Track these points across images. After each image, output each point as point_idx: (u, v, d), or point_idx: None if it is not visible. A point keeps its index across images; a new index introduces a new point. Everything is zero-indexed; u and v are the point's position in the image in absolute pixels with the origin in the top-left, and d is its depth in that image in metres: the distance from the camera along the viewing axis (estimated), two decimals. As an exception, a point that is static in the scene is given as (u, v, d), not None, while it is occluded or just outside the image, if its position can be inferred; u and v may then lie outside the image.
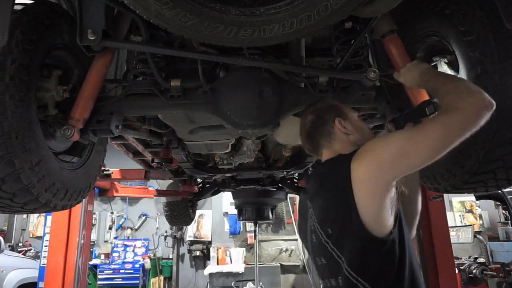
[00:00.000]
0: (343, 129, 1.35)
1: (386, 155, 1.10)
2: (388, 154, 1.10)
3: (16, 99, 1.19)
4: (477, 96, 1.05)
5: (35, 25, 1.28)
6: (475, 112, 1.04)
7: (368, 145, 1.17)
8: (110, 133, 1.54)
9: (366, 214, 1.11)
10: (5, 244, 6.06)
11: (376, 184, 1.11)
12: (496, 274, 5.62)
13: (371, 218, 1.11)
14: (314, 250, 1.28)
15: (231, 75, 1.54)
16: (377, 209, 1.11)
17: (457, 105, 1.06)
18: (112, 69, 1.88)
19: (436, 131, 1.05)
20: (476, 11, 1.26)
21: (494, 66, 1.21)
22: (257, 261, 5.41)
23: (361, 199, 1.12)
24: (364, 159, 1.13)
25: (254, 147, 2.71)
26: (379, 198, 1.11)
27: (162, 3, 1.08)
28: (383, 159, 1.10)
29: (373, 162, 1.11)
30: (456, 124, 1.04)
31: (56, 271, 3.65)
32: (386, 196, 1.11)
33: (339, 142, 1.35)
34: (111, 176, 3.75)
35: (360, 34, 1.47)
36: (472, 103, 1.04)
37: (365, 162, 1.13)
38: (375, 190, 1.11)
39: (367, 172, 1.12)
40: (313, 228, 1.26)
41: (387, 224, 1.12)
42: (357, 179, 1.12)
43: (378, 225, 1.11)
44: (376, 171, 1.11)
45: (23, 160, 1.21)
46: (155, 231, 9.09)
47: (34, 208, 1.38)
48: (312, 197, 1.31)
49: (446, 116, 1.06)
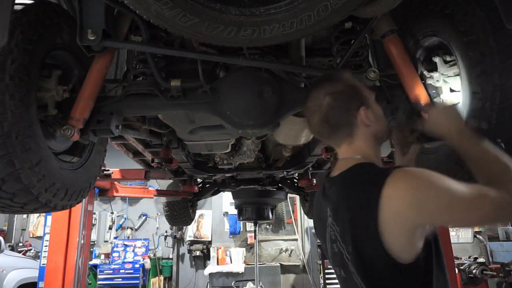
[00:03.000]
0: (367, 120, 1.17)
1: (432, 204, 0.97)
2: (435, 205, 0.97)
3: (16, 99, 1.19)
4: None
5: (35, 25, 1.28)
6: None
7: (412, 179, 1.01)
8: (110, 133, 1.54)
9: (390, 242, 1.00)
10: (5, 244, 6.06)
11: (409, 223, 1.00)
12: (496, 274, 5.62)
13: (394, 245, 1.00)
14: (335, 260, 1.16)
15: (231, 75, 1.54)
16: (403, 240, 1.01)
17: None
18: (112, 69, 1.88)
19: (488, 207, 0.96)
20: (476, 11, 1.26)
21: (494, 66, 1.21)
22: (257, 261, 5.41)
23: (387, 228, 1.00)
24: (403, 195, 0.99)
25: (254, 147, 2.71)
26: (406, 232, 1.00)
27: (162, 3, 1.08)
28: (427, 207, 0.97)
29: (415, 205, 0.97)
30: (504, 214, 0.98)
31: (56, 271, 3.65)
32: (416, 231, 1.01)
33: (360, 136, 1.19)
34: (111, 176, 3.76)
35: (360, 34, 1.47)
36: None
37: (403, 199, 0.98)
38: (405, 226, 1.00)
39: (404, 210, 0.98)
40: (334, 238, 1.13)
41: (412, 251, 1.01)
42: (388, 209, 0.99)
43: (401, 252, 1.01)
44: (413, 214, 0.98)
45: (23, 160, 1.21)
46: (155, 231, 9.09)
47: (34, 208, 1.38)
48: (333, 206, 1.15)
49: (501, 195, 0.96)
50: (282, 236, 8.83)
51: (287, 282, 8.43)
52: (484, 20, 1.23)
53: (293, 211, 8.81)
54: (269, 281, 7.49)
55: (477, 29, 1.25)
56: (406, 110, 1.29)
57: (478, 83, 1.27)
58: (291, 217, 8.79)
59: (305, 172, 3.53)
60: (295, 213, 8.84)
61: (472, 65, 1.29)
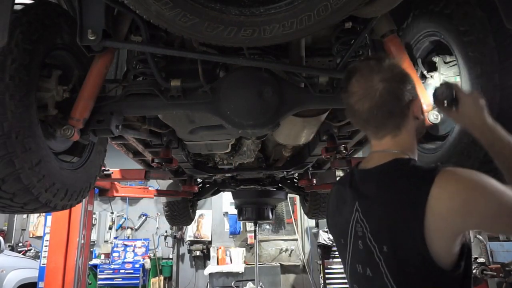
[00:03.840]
0: (418, 113, 1.10)
1: (482, 209, 0.92)
2: (485, 210, 0.91)
3: (16, 99, 1.18)
4: None
5: (35, 25, 1.27)
6: None
7: (462, 181, 0.95)
8: (110, 133, 1.54)
9: (433, 245, 0.95)
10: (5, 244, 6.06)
11: (456, 227, 0.95)
12: (496, 274, 5.62)
13: (437, 249, 0.95)
14: (359, 257, 1.10)
15: (231, 75, 1.54)
16: (446, 244, 0.96)
17: None
18: (112, 69, 1.87)
19: None
20: (476, 11, 1.26)
21: (494, 67, 1.21)
22: (257, 261, 5.41)
23: (432, 231, 0.94)
24: (453, 197, 0.93)
25: (254, 147, 2.71)
26: (451, 235, 0.96)
27: (162, 3, 1.08)
28: (477, 211, 0.92)
29: (465, 209, 0.92)
30: None
31: (56, 271, 3.65)
32: (460, 235, 0.97)
33: (406, 130, 1.10)
34: (111, 176, 3.75)
35: (360, 34, 1.47)
36: None
37: (453, 201, 0.93)
38: (451, 230, 0.96)
39: (452, 213, 0.93)
40: (362, 235, 1.07)
41: (450, 256, 0.97)
42: (436, 211, 0.94)
43: (442, 256, 0.96)
44: (461, 218, 0.93)
45: (23, 160, 1.21)
46: (155, 231, 9.09)
47: (34, 208, 1.38)
48: (366, 201, 1.08)
49: None
50: (282, 236, 8.84)
51: (287, 282, 8.43)
52: (484, 20, 1.23)
53: (293, 211, 8.81)
54: (269, 281, 7.49)
55: (477, 29, 1.25)
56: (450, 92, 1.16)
57: (478, 83, 1.27)
58: (291, 217, 8.79)
59: (305, 172, 3.53)
60: (295, 213, 8.84)
61: (472, 65, 1.29)
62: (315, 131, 2.33)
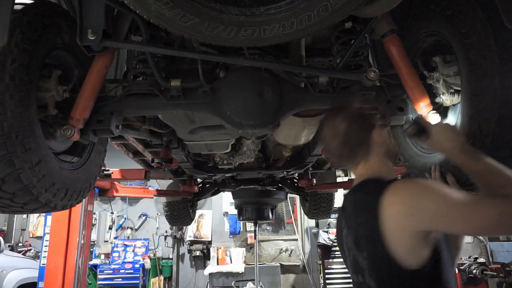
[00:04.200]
0: (380, 139, 1.29)
1: (427, 209, 1.04)
2: (430, 210, 1.03)
3: (16, 99, 1.18)
4: None
5: (35, 25, 1.27)
6: None
7: (408, 187, 1.11)
8: (110, 133, 1.54)
9: (393, 247, 1.07)
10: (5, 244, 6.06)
11: (409, 229, 1.06)
12: (496, 274, 5.62)
13: (398, 250, 1.07)
14: (354, 267, 1.22)
15: (231, 75, 1.54)
16: (406, 246, 1.07)
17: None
18: (112, 69, 1.87)
19: (491, 216, 0.99)
20: (477, 12, 1.26)
21: (495, 69, 1.21)
22: (257, 261, 5.41)
23: (390, 234, 1.08)
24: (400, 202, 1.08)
25: (254, 147, 2.72)
26: (408, 237, 1.07)
27: (162, 3, 1.08)
28: (424, 211, 1.04)
29: (413, 210, 1.05)
30: None
31: (56, 271, 3.65)
32: (418, 237, 1.07)
33: (374, 155, 1.29)
34: (111, 176, 3.75)
35: (360, 34, 1.47)
36: None
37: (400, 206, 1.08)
38: (406, 232, 1.07)
39: (403, 215, 1.06)
40: (351, 246, 1.21)
41: (416, 257, 1.07)
42: (389, 215, 1.08)
43: (405, 257, 1.07)
44: (411, 218, 1.06)
45: (23, 160, 1.21)
46: (155, 231, 9.09)
47: (34, 208, 1.38)
48: (347, 217, 1.26)
49: (505, 202, 1.00)
50: (282, 236, 8.83)
51: (287, 282, 8.43)
52: (485, 21, 1.23)
53: (293, 211, 8.81)
54: (269, 281, 7.49)
55: (478, 30, 1.25)
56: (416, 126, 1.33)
57: (478, 85, 1.27)
58: (291, 217, 8.79)
59: (305, 172, 3.53)
60: (295, 213, 8.84)
61: (473, 66, 1.29)
62: (315, 131, 2.33)
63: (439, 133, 1.27)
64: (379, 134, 1.29)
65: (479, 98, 1.27)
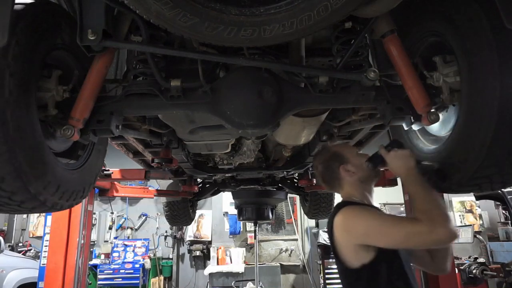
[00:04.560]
0: (347, 173, 1.72)
1: (357, 229, 1.54)
2: (362, 233, 1.52)
3: (16, 99, 1.18)
4: (444, 229, 1.35)
5: (35, 25, 1.27)
6: (436, 240, 1.38)
7: (347, 216, 1.58)
8: (110, 133, 1.54)
9: (341, 253, 1.59)
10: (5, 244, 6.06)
11: (347, 242, 1.57)
12: (496, 274, 5.62)
13: (344, 256, 1.58)
14: None
15: (231, 75, 1.54)
16: (349, 253, 1.56)
17: (426, 226, 1.36)
18: (112, 69, 1.87)
19: (400, 235, 1.42)
20: (477, 11, 1.26)
21: (494, 68, 1.21)
22: (257, 261, 5.41)
23: (339, 244, 1.59)
24: (341, 223, 1.58)
25: (254, 147, 2.72)
26: (349, 247, 1.56)
27: (162, 3, 1.08)
28: (355, 230, 1.54)
29: (348, 228, 1.57)
30: (417, 239, 1.40)
31: (56, 271, 3.65)
32: (357, 247, 1.52)
33: (347, 184, 1.73)
34: (111, 176, 3.75)
35: (360, 34, 1.47)
36: (438, 233, 1.34)
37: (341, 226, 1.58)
38: (347, 244, 1.57)
39: (343, 232, 1.58)
40: None
41: (357, 260, 1.53)
42: (336, 231, 1.60)
43: (349, 260, 1.56)
44: (348, 234, 1.57)
45: (22, 160, 1.21)
46: (155, 231, 9.10)
47: (33, 207, 1.38)
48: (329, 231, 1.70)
49: (413, 228, 1.40)
50: (282, 236, 8.84)
51: (287, 282, 8.44)
52: (485, 20, 1.23)
53: (293, 211, 8.81)
54: (269, 281, 7.49)
55: (478, 29, 1.25)
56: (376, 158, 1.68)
57: (478, 85, 1.27)
58: (291, 217, 8.79)
59: (305, 172, 3.53)
60: (295, 213, 8.84)
61: (472, 66, 1.29)
62: (315, 131, 2.33)
63: (391, 162, 1.59)
64: (345, 170, 1.72)
65: (479, 98, 1.27)
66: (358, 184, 1.71)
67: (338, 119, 2.18)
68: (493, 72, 1.21)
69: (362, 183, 1.72)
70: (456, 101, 1.47)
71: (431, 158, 1.63)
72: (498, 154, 1.29)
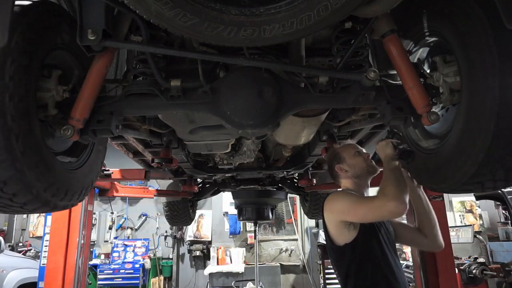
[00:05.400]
0: (342, 171, 2.09)
1: (338, 208, 1.93)
2: (340, 210, 1.91)
3: (16, 99, 1.18)
4: (394, 202, 1.66)
5: (35, 25, 1.27)
6: (388, 212, 1.71)
7: (331, 199, 1.99)
8: (110, 133, 1.54)
9: (330, 231, 1.98)
10: (5, 244, 6.06)
11: (333, 220, 1.96)
12: (496, 274, 5.62)
13: (331, 233, 1.98)
14: None
15: (231, 75, 1.54)
16: (334, 231, 1.95)
17: (379, 201, 1.72)
18: (112, 69, 1.87)
19: (363, 211, 1.81)
20: (477, 11, 1.26)
21: (494, 68, 1.21)
22: (257, 261, 5.41)
23: (328, 223, 2.00)
24: (327, 205, 1.99)
25: (254, 147, 2.72)
26: (335, 225, 1.94)
27: (162, 3, 1.07)
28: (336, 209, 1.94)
29: (332, 208, 1.97)
30: (375, 212, 1.76)
31: (56, 271, 3.64)
32: (340, 225, 1.91)
33: (343, 180, 2.11)
34: (111, 176, 3.75)
35: (360, 34, 1.47)
36: (389, 206, 1.68)
37: (327, 206, 1.99)
38: (333, 222, 1.96)
39: (329, 211, 1.98)
40: None
41: (342, 238, 1.92)
42: (325, 212, 2.01)
43: (335, 237, 1.96)
44: (332, 213, 1.96)
45: (22, 160, 1.21)
46: (155, 231, 9.10)
47: (33, 208, 1.38)
48: None
49: (372, 203, 1.79)
50: (282, 236, 8.84)
51: (287, 282, 8.44)
52: (484, 20, 1.23)
53: (293, 211, 8.81)
54: (269, 281, 7.49)
55: (477, 29, 1.25)
56: None
57: (478, 85, 1.27)
58: (291, 217, 8.79)
59: (305, 172, 3.53)
60: (295, 213, 8.84)
61: (472, 66, 1.29)
62: (315, 131, 2.33)
63: (378, 152, 1.97)
64: (340, 169, 2.09)
65: (479, 98, 1.27)
66: (353, 180, 2.07)
67: (338, 119, 2.19)
68: (493, 72, 1.21)
69: (356, 179, 2.06)
70: (456, 101, 1.47)
71: (432, 158, 1.63)
72: (498, 154, 1.29)
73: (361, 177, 2.06)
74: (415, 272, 3.87)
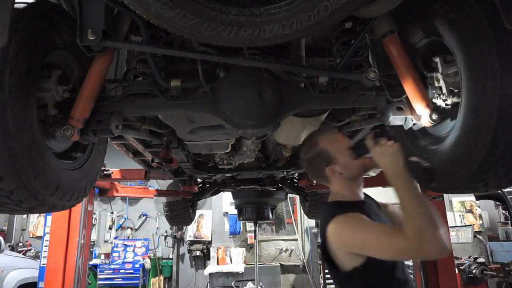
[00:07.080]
0: (333, 174, 1.63)
1: (348, 241, 1.47)
2: (352, 245, 1.46)
3: (16, 99, 1.18)
4: (434, 247, 1.27)
5: (35, 25, 1.27)
6: (427, 257, 1.41)
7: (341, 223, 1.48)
8: (110, 133, 1.54)
9: (334, 257, 1.52)
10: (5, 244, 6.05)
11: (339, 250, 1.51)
12: (496, 274, 5.62)
13: (336, 260, 1.52)
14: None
15: (231, 75, 1.54)
16: (341, 258, 1.51)
17: (416, 244, 1.29)
18: (112, 69, 1.87)
19: (391, 251, 1.38)
20: (477, 11, 1.26)
21: (494, 67, 1.21)
22: (257, 261, 5.41)
23: (331, 250, 1.52)
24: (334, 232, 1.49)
25: (254, 147, 2.72)
26: (340, 253, 1.50)
27: (162, 3, 1.08)
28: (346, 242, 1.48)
29: (340, 239, 1.49)
30: (408, 255, 1.51)
31: (56, 271, 3.64)
32: (348, 254, 1.48)
33: (335, 181, 1.66)
34: (111, 176, 3.75)
35: (360, 34, 1.47)
36: (428, 251, 1.29)
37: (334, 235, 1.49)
38: (338, 251, 1.51)
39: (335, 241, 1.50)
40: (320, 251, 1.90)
41: (349, 264, 1.49)
42: (329, 239, 1.51)
43: (341, 264, 1.51)
44: (339, 244, 1.50)
45: (22, 160, 1.21)
46: (155, 231, 9.09)
47: (32, 207, 1.37)
48: (320, 225, 1.72)
49: (404, 245, 1.32)
50: (282, 236, 8.83)
51: (287, 282, 8.43)
52: (484, 20, 1.23)
53: (293, 211, 8.81)
54: (269, 281, 7.49)
55: (477, 29, 1.25)
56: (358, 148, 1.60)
57: (478, 85, 1.27)
58: (291, 217, 8.79)
59: (305, 172, 3.53)
60: (295, 213, 8.84)
61: (472, 66, 1.29)
62: (315, 131, 2.33)
63: (377, 157, 1.50)
64: (332, 171, 1.62)
65: (479, 98, 1.27)
66: (346, 182, 1.63)
67: (338, 119, 2.18)
68: (493, 72, 1.21)
69: (350, 181, 1.64)
70: (456, 101, 1.46)
71: (432, 158, 1.62)
72: (498, 154, 1.29)
73: (355, 179, 1.66)
74: (415, 272, 3.87)
